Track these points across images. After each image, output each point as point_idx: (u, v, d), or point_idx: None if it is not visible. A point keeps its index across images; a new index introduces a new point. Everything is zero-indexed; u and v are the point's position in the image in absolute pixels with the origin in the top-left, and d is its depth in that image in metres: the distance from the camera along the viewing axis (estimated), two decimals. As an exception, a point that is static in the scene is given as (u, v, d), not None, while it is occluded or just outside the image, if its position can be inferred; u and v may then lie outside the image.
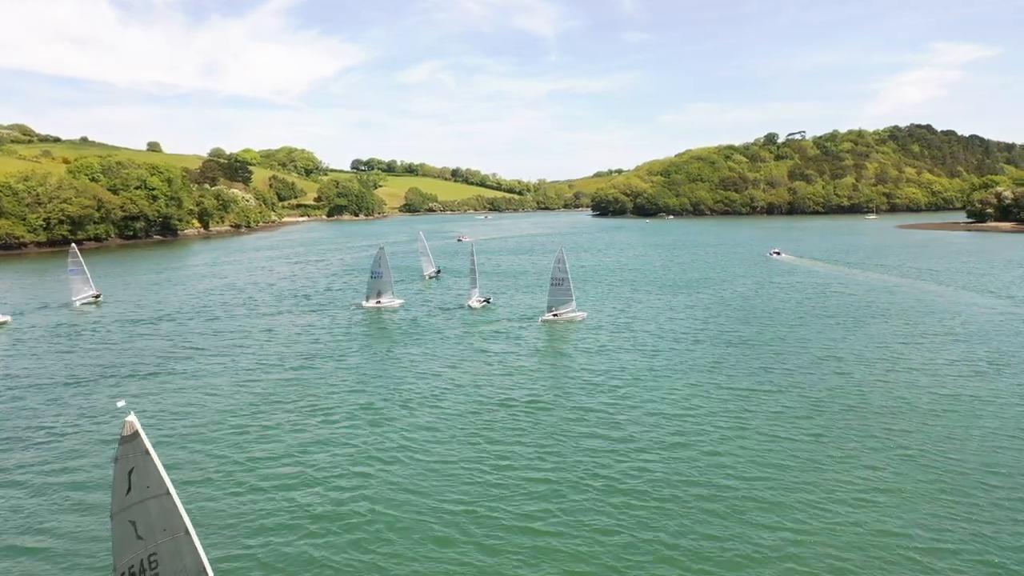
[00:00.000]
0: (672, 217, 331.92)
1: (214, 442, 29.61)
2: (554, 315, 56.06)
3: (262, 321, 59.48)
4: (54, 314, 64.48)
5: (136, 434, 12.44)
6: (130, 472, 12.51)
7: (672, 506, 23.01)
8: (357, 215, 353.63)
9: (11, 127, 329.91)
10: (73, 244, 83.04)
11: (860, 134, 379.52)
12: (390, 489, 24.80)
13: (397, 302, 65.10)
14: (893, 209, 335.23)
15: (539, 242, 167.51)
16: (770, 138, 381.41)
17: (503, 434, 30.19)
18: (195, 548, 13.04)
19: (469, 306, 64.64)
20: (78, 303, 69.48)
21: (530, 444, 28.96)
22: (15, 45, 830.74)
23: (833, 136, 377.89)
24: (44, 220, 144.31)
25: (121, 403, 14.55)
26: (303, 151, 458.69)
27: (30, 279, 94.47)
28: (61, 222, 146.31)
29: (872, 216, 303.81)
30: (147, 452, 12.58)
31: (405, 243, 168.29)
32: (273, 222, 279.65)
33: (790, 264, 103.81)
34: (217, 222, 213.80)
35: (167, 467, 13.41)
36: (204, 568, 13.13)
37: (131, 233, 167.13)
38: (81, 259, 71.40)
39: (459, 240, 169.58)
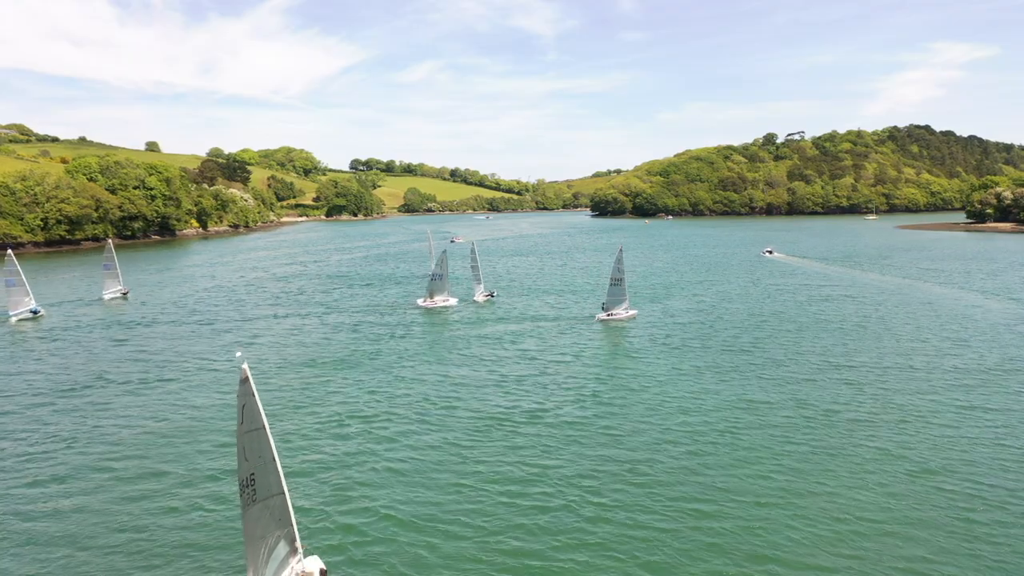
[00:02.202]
0: (671, 217, 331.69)
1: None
2: (609, 314, 56.34)
3: (307, 319, 60.18)
4: (88, 308, 67.34)
5: (247, 379, 15.93)
6: (243, 408, 16.10)
7: (676, 528, 22.32)
8: (356, 215, 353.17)
9: (9, 126, 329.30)
10: (109, 241, 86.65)
11: (859, 134, 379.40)
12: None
13: (453, 300, 66.58)
14: (892, 209, 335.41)
15: (537, 243, 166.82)
16: (769, 138, 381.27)
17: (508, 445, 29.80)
18: (278, 472, 16.98)
19: (474, 300, 68.25)
20: (107, 298, 72.26)
21: (552, 452, 28.60)
22: (13, 43, 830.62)
23: (832, 136, 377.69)
24: (42, 220, 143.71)
25: (238, 354, 18.55)
26: (302, 151, 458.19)
27: (35, 277, 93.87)
28: (59, 222, 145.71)
29: (871, 216, 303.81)
30: (253, 394, 16.12)
31: (406, 243, 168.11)
32: (272, 222, 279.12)
33: (783, 264, 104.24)
34: (216, 222, 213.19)
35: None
36: (283, 489, 17.24)
37: (129, 233, 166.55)
38: (115, 256, 74.48)
39: (452, 241, 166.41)
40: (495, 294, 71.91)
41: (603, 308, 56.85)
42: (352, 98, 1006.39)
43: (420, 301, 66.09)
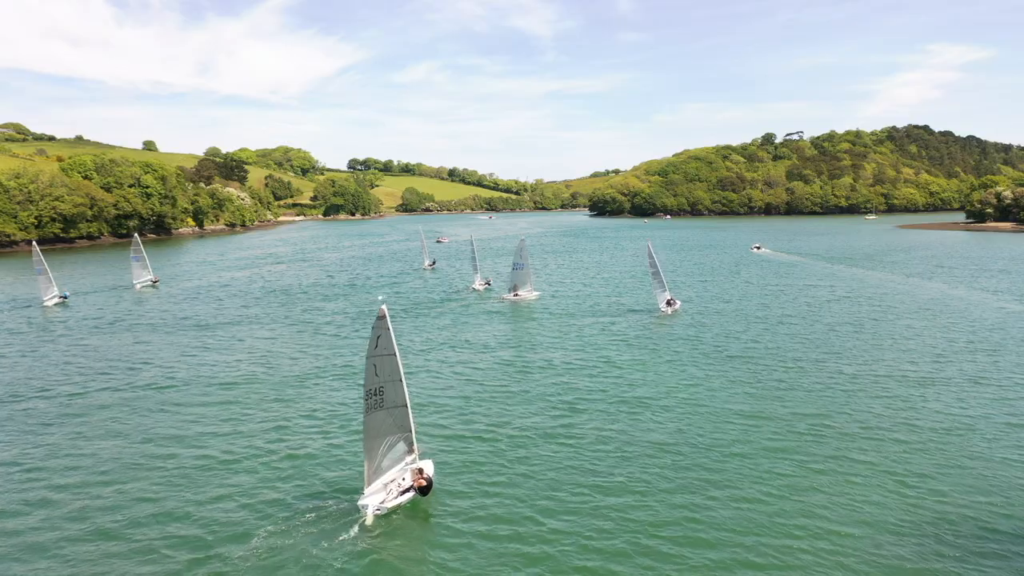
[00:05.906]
0: (669, 217, 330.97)
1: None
2: (669, 306, 57.90)
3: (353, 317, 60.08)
4: (121, 295, 72.86)
5: (385, 316, 20.67)
6: (378, 337, 21.13)
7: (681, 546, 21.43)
8: (353, 214, 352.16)
9: (5, 125, 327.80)
10: (136, 235, 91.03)
11: (858, 134, 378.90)
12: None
13: (535, 294, 66.58)
14: (891, 209, 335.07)
15: (533, 243, 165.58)
16: (768, 138, 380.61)
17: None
18: (404, 390, 22.31)
19: (473, 288, 72.69)
20: (139, 286, 77.48)
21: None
22: (10, 42, 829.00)
23: (831, 136, 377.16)
24: (36, 218, 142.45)
25: (380, 297, 22.29)
26: (299, 150, 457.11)
27: (25, 275, 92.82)
28: (53, 220, 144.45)
29: (871, 216, 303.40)
30: (389, 328, 21.10)
31: (403, 241, 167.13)
32: (269, 221, 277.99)
33: (775, 261, 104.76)
34: (212, 221, 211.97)
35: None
36: (407, 403, 22.51)
37: (124, 231, 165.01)
38: (143, 248, 79.90)
39: (438, 242, 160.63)
40: (491, 282, 76.31)
41: (668, 303, 57.77)
42: (350, 98, 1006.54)
43: (506, 295, 66.26)
